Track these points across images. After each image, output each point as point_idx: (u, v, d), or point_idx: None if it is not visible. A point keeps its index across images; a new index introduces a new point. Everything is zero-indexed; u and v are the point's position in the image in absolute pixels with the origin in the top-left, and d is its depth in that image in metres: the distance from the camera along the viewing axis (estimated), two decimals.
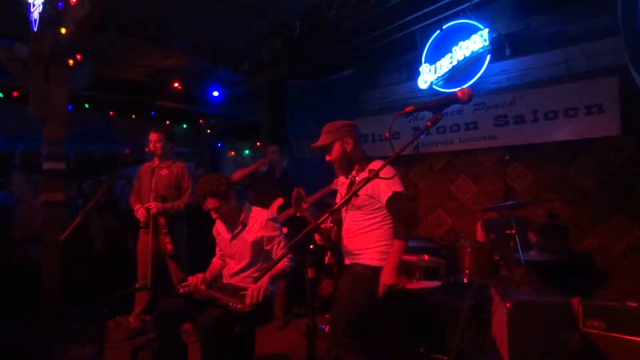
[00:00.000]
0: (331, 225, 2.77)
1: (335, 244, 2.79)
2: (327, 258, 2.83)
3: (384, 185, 2.56)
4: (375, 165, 2.64)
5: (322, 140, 2.80)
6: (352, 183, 2.71)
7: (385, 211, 2.66)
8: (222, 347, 2.76)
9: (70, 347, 3.80)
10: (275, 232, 3.11)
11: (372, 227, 2.68)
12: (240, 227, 3.15)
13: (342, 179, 2.86)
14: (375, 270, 2.55)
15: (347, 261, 2.77)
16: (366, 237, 2.68)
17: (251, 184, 4.89)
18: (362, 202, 2.66)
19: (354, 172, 2.74)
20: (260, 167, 4.85)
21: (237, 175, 4.84)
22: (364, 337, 2.69)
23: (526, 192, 4.63)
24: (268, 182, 4.81)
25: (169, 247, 4.17)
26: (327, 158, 2.81)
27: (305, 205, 4.31)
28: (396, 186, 2.56)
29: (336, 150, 2.76)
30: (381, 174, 2.15)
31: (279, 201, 4.50)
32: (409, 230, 2.59)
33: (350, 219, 2.74)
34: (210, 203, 3.01)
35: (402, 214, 2.56)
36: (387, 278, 2.46)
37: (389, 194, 2.55)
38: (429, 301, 3.38)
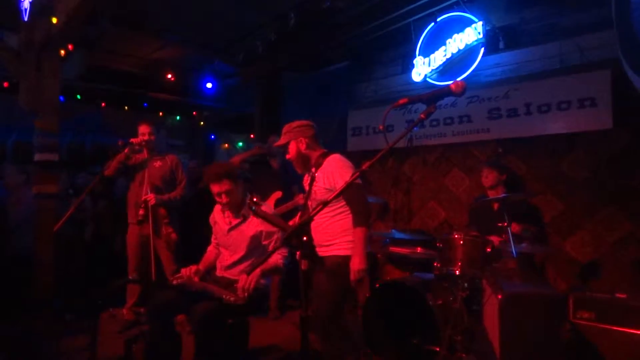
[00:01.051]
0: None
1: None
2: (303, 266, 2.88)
3: (338, 176, 2.73)
4: (331, 159, 2.84)
5: (280, 140, 3.01)
6: (312, 179, 2.83)
7: (344, 202, 2.81)
8: (216, 338, 2.77)
9: (62, 339, 3.79)
10: (274, 227, 3.11)
11: (336, 218, 2.83)
12: (240, 219, 3.15)
13: (305, 178, 3.02)
14: (346, 259, 2.69)
15: (320, 253, 2.89)
16: (332, 228, 2.83)
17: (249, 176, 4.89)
18: (322, 196, 2.78)
19: (313, 169, 2.88)
20: (257, 152, 4.84)
21: (236, 159, 4.84)
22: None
23: None
24: (267, 175, 4.80)
25: (173, 236, 4.20)
26: (287, 156, 3.01)
27: (301, 198, 4.32)
28: (351, 176, 2.64)
29: (292, 149, 2.96)
30: (334, 166, 2.60)
31: (277, 194, 4.50)
32: (367, 218, 2.74)
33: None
34: (225, 185, 3.04)
35: (358, 203, 2.73)
36: (357, 265, 2.62)
37: (342, 184, 2.62)
38: (422, 293, 3.40)
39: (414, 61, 5.33)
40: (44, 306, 3.98)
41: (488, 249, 3.36)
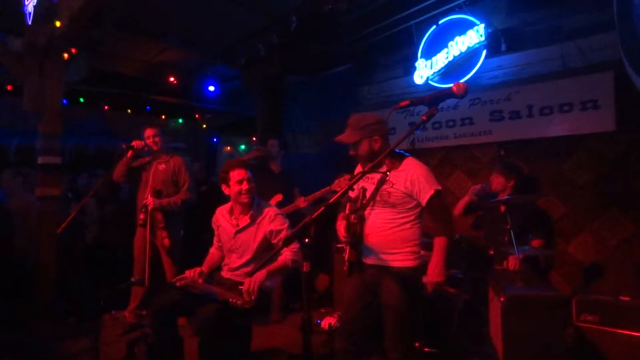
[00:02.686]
0: (356, 221, 2.68)
1: (357, 241, 2.72)
2: (346, 254, 2.77)
3: (425, 183, 2.57)
4: (409, 162, 2.67)
5: (349, 136, 2.71)
6: (383, 179, 2.66)
7: (418, 210, 2.66)
8: (219, 341, 2.77)
9: (65, 342, 3.80)
10: (282, 226, 3.11)
11: (404, 226, 2.65)
12: (249, 221, 3.15)
13: (370, 175, 2.73)
14: (416, 270, 2.59)
15: (371, 261, 2.71)
16: (398, 236, 2.64)
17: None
18: (397, 200, 2.62)
19: (384, 168, 2.67)
20: (257, 155, 4.84)
21: None
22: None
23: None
24: (267, 178, 4.80)
25: (167, 241, 4.18)
26: (352, 152, 2.75)
27: (301, 201, 4.30)
28: (436, 184, 2.60)
29: (363, 147, 2.69)
30: (420, 173, 2.46)
31: (278, 197, 4.50)
32: (450, 227, 2.63)
33: (379, 217, 2.68)
34: (246, 173, 3.11)
35: (443, 211, 2.60)
36: (436, 277, 2.50)
37: (431, 192, 2.57)
38: (424, 295, 3.39)
39: (416, 64, 5.33)
40: (46, 309, 4.00)
41: (491, 252, 3.36)
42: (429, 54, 5.25)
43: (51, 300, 4.26)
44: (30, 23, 4.30)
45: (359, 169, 2.82)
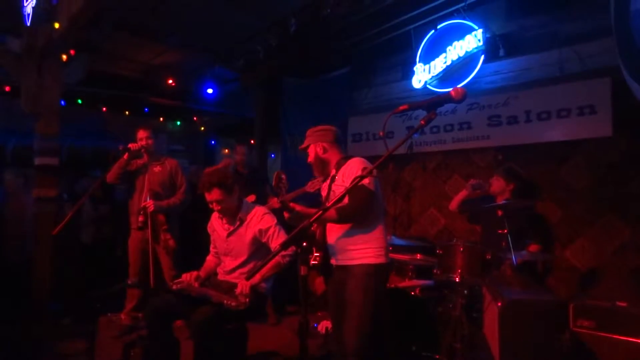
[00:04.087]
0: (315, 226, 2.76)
1: (320, 243, 2.80)
2: (312, 259, 2.82)
3: (356, 171, 2.57)
4: (353, 161, 2.72)
5: (304, 143, 2.93)
6: (332, 180, 2.75)
7: (374, 207, 2.68)
8: (215, 344, 2.77)
9: (60, 343, 3.78)
10: (269, 223, 3.11)
11: (361, 224, 2.68)
12: (238, 223, 3.15)
13: (322, 181, 2.95)
14: (377, 268, 2.61)
15: (335, 261, 2.76)
16: (356, 234, 2.67)
17: None
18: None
19: (332, 171, 2.81)
20: (227, 164, 4.82)
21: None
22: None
23: None
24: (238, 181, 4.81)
25: (171, 242, 4.17)
26: (308, 160, 2.92)
27: (275, 202, 4.28)
28: (366, 175, 2.56)
29: (311, 153, 2.88)
30: (356, 167, 2.50)
31: (251, 198, 4.51)
32: (348, 215, 2.58)
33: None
34: (215, 194, 3.01)
35: (353, 200, 2.55)
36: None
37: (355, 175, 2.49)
38: (421, 300, 3.39)
39: (414, 68, 5.34)
40: (42, 310, 3.98)
41: (488, 256, 3.36)
42: (427, 58, 5.26)
43: (46, 301, 4.24)
44: (29, 24, 4.29)
45: (333, 172, 2.86)
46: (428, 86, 5.25)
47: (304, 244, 1.90)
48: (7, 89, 6.62)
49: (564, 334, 2.84)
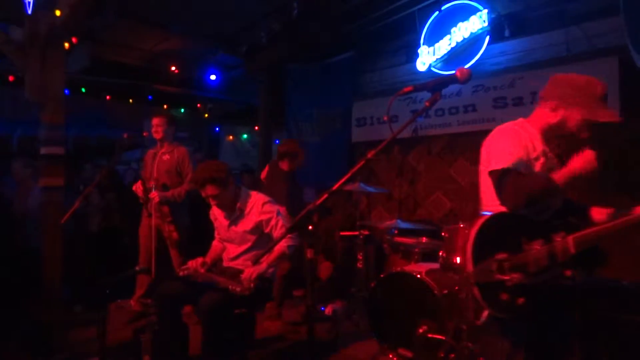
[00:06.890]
0: None
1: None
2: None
3: None
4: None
5: None
6: None
7: None
8: (223, 329, 2.80)
9: (72, 330, 3.84)
10: (270, 213, 3.13)
11: None
12: (238, 212, 3.16)
13: None
14: None
15: None
16: None
17: None
18: None
19: None
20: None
21: None
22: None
23: None
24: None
25: (175, 235, 4.19)
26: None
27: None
28: None
29: None
30: None
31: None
32: None
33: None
34: (209, 190, 3.02)
35: None
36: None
37: None
38: (427, 282, 3.40)
39: (419, 50, 5.29)
40: (52, 298, 4.03)
41: None
42: (431, 40, 5.20)
43: (58, 290, 4.29)
44: (30, 13, 4.27)
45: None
46: (433, 69, 5.20)
47: (310, 227, 1.89)
48: (11, 78, 6.63)
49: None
